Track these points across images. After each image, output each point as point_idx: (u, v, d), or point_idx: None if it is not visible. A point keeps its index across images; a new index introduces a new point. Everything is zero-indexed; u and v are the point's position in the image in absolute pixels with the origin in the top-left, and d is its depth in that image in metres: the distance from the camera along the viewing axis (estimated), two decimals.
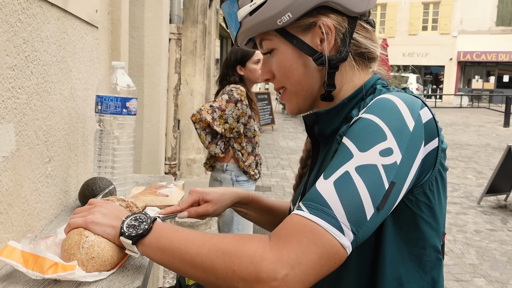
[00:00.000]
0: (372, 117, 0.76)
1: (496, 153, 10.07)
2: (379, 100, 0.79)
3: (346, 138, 0.78)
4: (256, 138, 2.99)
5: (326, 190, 0.72)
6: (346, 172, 0.73)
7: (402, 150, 0.74)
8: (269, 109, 12.59)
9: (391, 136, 0.74)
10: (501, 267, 4.13)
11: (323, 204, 0.71)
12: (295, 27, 0.88)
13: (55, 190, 1.16)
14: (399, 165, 0.73)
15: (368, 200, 0.71)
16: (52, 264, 0.79)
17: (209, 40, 6.22)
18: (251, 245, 0.72)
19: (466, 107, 22.14)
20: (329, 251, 0.69)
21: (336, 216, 0.70)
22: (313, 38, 0.88)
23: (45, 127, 1.07)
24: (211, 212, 1.12)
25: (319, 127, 0.93)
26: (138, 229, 0.82)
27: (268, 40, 0.91)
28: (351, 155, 0.74)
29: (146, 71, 2.72)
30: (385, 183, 0.72)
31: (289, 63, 0.89)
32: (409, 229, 0.82)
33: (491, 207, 6.08)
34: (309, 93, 0.92)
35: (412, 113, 0.77)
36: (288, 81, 0.91)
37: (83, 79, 1.35)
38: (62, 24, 1.15)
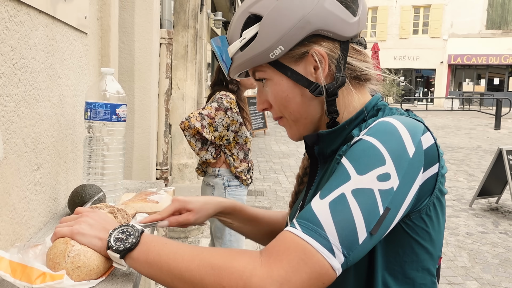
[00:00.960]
0: (373, 140, 0.77)
1: (487, 155, 10.14)
2: (381, 123, 0.80)
3: (345, 159, 0.78)
4: (248, 145, 2.99)
5: (321, 210, 0.73)
6: (342, 194, 0.73)
7: (400, 176, 0.75)
8: (261, 113, 12.60)
9: (390, 161, 0.75)
10: (493, 270, 4.16)
11: (317, 224, 0.72)
12: (287, 58, 0.88)
13: (44, 197, 1.15)
14: (396, 191, 0.74)
15: (362, 224, 0.72)
16: (40, 274, 0.78)
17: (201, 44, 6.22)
18: (241, 261, 0.72)
19: (457, 110, 22.31)
20: (319, 271, 0.70)
21: (328, 238, 0.71)
22: (306, 66, 0.88)
23: (33, 134, 1.06)
24: (192, 221, 1.10)
25: (319, 147, 0.93)
26: (125, 242, 0.80)
27: (261, 71, 0.91)
28: (348, 177, 0.75)
29: (137, 76, 2.71)
30: (380, 208, 0.73)
31: (285, 93, 0.89)
32: (404, 252, 0.83)
33: (483, 210, 6.12)
34: (308, 120, 0.92)
35: (413, 139, 0.77)
36: (286, 110, 0.91)
37: (72, 86, 1.35)
38: (50, 30, 1.14)
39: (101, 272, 0.83)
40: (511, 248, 4.71)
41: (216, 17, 8.49)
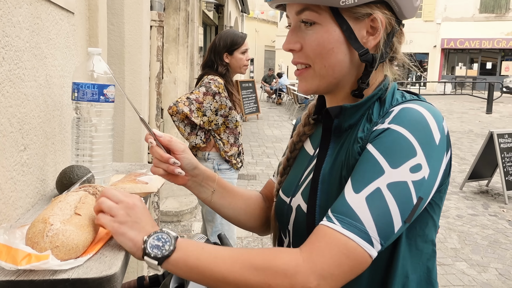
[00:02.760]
0: (403, 130, 0.79)
1: (478, 139, 10.22)
2: (407, 111, 0.81)
3: (375, 150, 0.80)
4: (238, 129, 2.98)
5: (358, 205, 0.76)
6: (378, 188, 0.77)
7: (430, 165, 0.78)
8: (253, 97, 12.56)
9: (421, 151, 0.78)
10: (482, 251, 4.22)
11: (356, 219, 0.75)
12: (349, 12, 0.84)
13: (31, 178, 1.14)
14: (427, 179, 0.78)
15: (397, 215, 0.76)
16: (26, 255, 0.78)
17: (192, 27, 6.16)
18: (283, 259, 0.76)
19: (449, 94, 22.38)
20: (360, 262, 0.75)
21: (368, 232, 0.75)
22: (361, 29, 0.86)
23: (19, 115, 1.04)
24: (182, 149, 1.00)
25: (339, 120, 0.92)
26: (162, 249, 0.80)
27: (315, 12, 0.85)
28: (382, 171, 0.78)
29: (127, 59, 2.68)
30: (414, 198, 0.77)
31: (331, 45, 0.85)
32: (421, 227, 0.88)
33: (473, 193, 6.19)
34: (336, 80, 0.89)
35: (439, 126, 0.81)
36: (321, 62, 0.87)
37: (59, 66, 1.33)
38: (35, 9, 1.12)
39: (81, 251, 0.83)
40: (500, 230, 4.78)
41: (208, 0, 8.40)
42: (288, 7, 0.90)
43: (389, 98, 0.90)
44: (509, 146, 5.89)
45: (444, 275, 3.65)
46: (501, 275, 3.73)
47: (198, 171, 1.04)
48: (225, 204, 1.11)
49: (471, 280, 3.61)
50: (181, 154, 0.99)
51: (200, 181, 1.06)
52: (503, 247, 4.33)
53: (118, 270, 0.81)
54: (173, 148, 0.99)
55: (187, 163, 1.01)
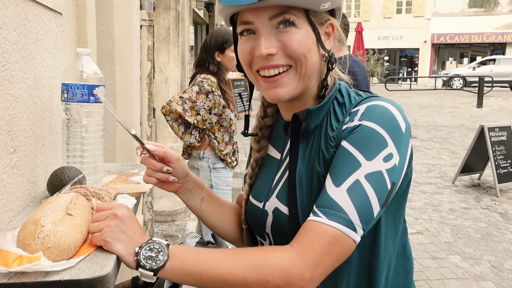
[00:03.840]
0: (373, 125, 0.87)
1: (469, 133, 10.29)
2: (374, 107, 0.89)
3: (350, 146, 0.87)
4: (233, 127, 2.98)
5: (340, 197, 0.84)
6: (357, 180, 0.84)
7: (399, 152, 0.87)
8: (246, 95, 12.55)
9: (391, 141, 0.86)
10: (475, 244, 4.25)
11: (340, 210, 0.83)
12: (316, 18, 0.90)
13: (22, 181, 1.14)
14: (398, 166, 0.87)
15: (376, 201, 0.84)
16: (17, 257, 0.77)
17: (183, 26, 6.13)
18: (278, 256, 0.82)
19: (440, 89, 22.49)
20: (346, 247, 0.83)
21: (351, 220, 0.82)
22: (322, 33, 0.93)
23: (8, 117, 1.04)
24: (176, 158, 1.01)
25: (306, 123, 0.96)
26: (156, 260, 0.82)
27: (293, 15, 0.87)
28: (359, 164, 0.85)
29: (117, 59, 2.67)
30: (388, 184, 0.86)
31: (310, 46, 0.90)
32: (395, 209, 0.97)
33: (465, 186, 6.23)
34: (309, 81, 0.94)
35: (403, 117, 0.89)
36: (303, 61, 0.90)
37: (48, 67, 1.32)
38: (21, 10, 1.11)
39: (72, 251, 0.83)
40: (492, 223, 4.81)
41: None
42: (256, 12, 0.87)
43: (346, 98, 0.96)
44: (500, 140, 5.93)
45: (437, 268, 3.68)
46: (494, 267, 3.76)
47: (189, 178, 1.08)
48: (212, 212, 1.14)
49: (464, 273, 3.64)
50: (176, 163, 1.02)
51: (190, 188, 1.10)
52: (495, 239, 4.36)
53: (110, 271, 0.81)
54: (168, 159, 1.02)
55: (180, 171, 1.04)
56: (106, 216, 0.87)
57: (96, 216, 0.88)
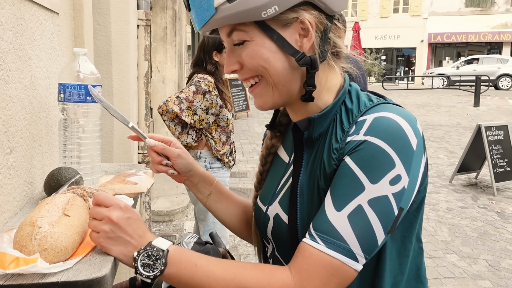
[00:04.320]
0: (380, 143, 0.79)
1: (466, 132, 10.31)
2: (382, 120, 0.81)
3: (354, 164, 0.80)
4: (230, 127, 2.97)
5: (340, 224, 0.78)
6: (359, 206, 0.78)
7: (409, 173, 0.79)
8: (243, 95, 12.54)
9: (399, 161, 0.78)
10: (472, 243, 4.26)
11: (339, 238, 0.77)
12: (275, 21, 0.83)
13: (18, 181, 1.13)
14: (407, 189, 0.79)
15: (380, 229, 0.78)
16: (14, 259, 0.77)
17: (180, 26, 6.13)
18: (276, 283, 0.79)
19: (437, 88, 22.53)
20: (346, 278, 0.79)
21: (352, 250, 0.77)
22: (292, 33, 0.85)
23: (4, 117, 1.03)
24: (176, 154, 1.04)
25: (309, 132, 0.91)
26: (154, 268, 0.80)
27: (242, 31, 0.85)
28: (362, 187, 0.78)
29: (114, 59, 2.66)
30: (395, 210, 0.79)
31: (266, 56, 0.85)
32: (405, 229, 0.89)
33: (462, 185, 6.25)
34: (286, 88, 0.88)
35: (414, 131, 0.81)
36: (267, 71, 0.86)
37: (45, 67, 1.31)
38: (18, 9, 1.11)
39: (69, 253, 0.82)
40: (489, 222, 4.83)
41: None
42: (220, 31, 0.89)
43: (355, 103, 0.89)
44: (496, 139, 5.95)
45: (435, 267, 3.68)
46: (491, 266, 3.77)
47: (193, 173, 1.10)
48: (220, 208, 1.16)
49: (461, 272, 3.65)
50: (175, 160, 1.05)
51: (196, 183, 1.12)
52: (492, 238, 4.38)
53: (108, 272, 0.81)
54: (168, 154, 1.05)
55: (182, 167, 1.07)
56: (102, 217, 0.83)
57: (93, 213, 0.84)
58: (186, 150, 1.10)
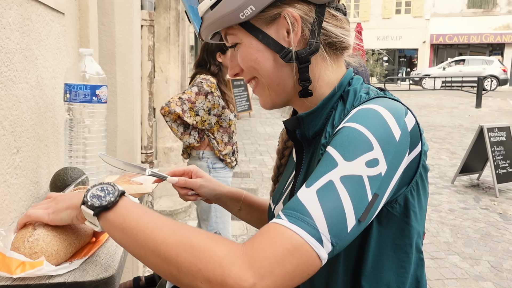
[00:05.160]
0: (357, 126, 0.74)
1: (468, 133, 10.29)
2: (362, 110, 0.77)
3: (330, 147, 0.74)
4: (232, 127, 2.98)
5: (308, 199, 0.69)
6: (330, 181, 0.70)
7: (388, 161, 0.72)
8: (245, 95, 12.55)
9: (378, 146, 0.72)
10: (474, 244, 4.26)
11: (304, 213, 0.67)
12: (259, 20, 0.83)
13: (25, 181, 1.13)
14: (384, 176, 0.72)
15: (351, 212, 0.69)
16: (20, 263, 0.77)
17: (183, 26, 6.13)
18: (223, 247, 0.67)
19: (439, 89, 22.50)
20: (306, 262, 0.66)
21: (317, 227, 0.66)
22: (278, 30, 0.83)
23: (11, 117, 1.03)
24: (198, 185, 1.12)
25: (301, 131, 0.89)
26: (102, 200, 0.75)
27: (232, 35, 0.86)
28: (335, 163, 0.71)
29: (118, 59, 2.67)
30: (369, 194, 0.70)
31: (255, 56, 0.85)
32: (395, 235, 0.82)
33: (464, 186, 6.24)
34: (281, 87, 0.87)
35: (398, 122, 0.75)
36: (258, 72, 0.87)
37: (51, 68, 1.32)
38: (25, 10, 1.11)
39: (62, 258, 0.82)
40: (491, 223, 4.82)
41: None
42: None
43: (351, 97, 0.85)
44: (499, 140, 5.94)
45: (437, 268, 3.68)
46: (493, 267, 3.77)
47: (219, 196, 1.16)
48: (252, 220, 1.20)
49: (463, 273, 3.64)
50: (199, 190, 1.13)
51: (224, 202, 1.18)
52: (494, 239, 4.37)
53: (115, 272, 0.81)
54: (191, 187, 1.12)
55: (206, 195, 1.14)
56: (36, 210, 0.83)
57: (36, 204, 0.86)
58: (208, 176, 1.16)
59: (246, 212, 1.18)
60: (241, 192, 1.19)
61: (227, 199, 1.16)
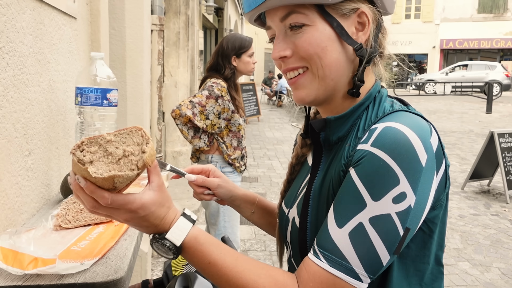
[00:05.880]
0: (384, 156, 0.73)
1: (479, 139, 10.21)
2: (389, 131, 0.75)
3: (357, 178, 0.75)
4: (241, 132, 2.98)
5: (342, 241, 0.74)
6: (360, 223, 0.73)
7: (416, 191, 0.73)
8: (254, 100, 12.58)
9: (404, 178, 0.72)
10: (485, 251, 4.21)
11: (341, 257, 0.74)
12: (335, 9, 0.81)
13: (36, 183, 1.14)
14: (413, 208, 0.73)
15: (383, 250, 0.73)
16: (32, 260, 0.78)
17: (193, 31, 6.17)
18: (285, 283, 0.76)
19: (449, 95, 22.38)
20: None
21: (354, 269, 0.73)
22: (349, 25, 0.82)
23: (23, 120, 1.05)
24: (216, 185, 1.08)
25: (325, 134, 0.88)
26: (166, 255, 0.78)
27: (301, 14, 0.81)
28: (364, 204, 0.74)
29: (128, 63, 2.69)
30: (400, 230, 0.73)
31: (324, 44, 0.81)
32: (417, 247, 0.83)
33: (475, 192, 6.18)
34: (334, 82, 0.84)
35: (425, 145, 0.74)
36: (318, 62, 0.82)
37: (62, 71, 1.33)
38: (38, 14, 1.13)
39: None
40: (502, 230, 4.77)
41: (207, 3, 8.41)
42: (270, 15, 0.85)
43: (376, 109, 0.86)
44: (509, 146, 5.88)
45: (447, 275, 3.65)
46: (504, 274, 3.72)
47: (234, 198, 1.14)
48: (264, 224, 1.19)
49: (474, 280, 3.60)
50: (216, 190, 1.10)
51: (238, 205, 1.16)
52: (505, 246, 4.32)
53: (124, 274, 0.82)
54: (208, 186, 1.10)
55: (222, 195, 1.12)
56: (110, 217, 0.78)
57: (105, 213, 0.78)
58: (225, 177, 1.14)
59: (258, 216, 1.17)
60: (255, 195, 1.17)
61: (241, 202, 1.15)
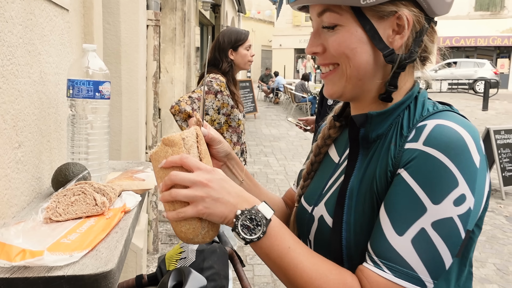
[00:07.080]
0: (440, 156, 0.73)
1: None
2: (442, 129, 0.75)
3: (412, 181, 0.74)
4: (241, 127, 2.97)
5: (405, 250, 0.73)
6: (422, 229, 0.73)
7: (474, 192, 0.73)
8: (251, 97, 12.57)
9: (463, 180, 0.72)
10: (480, 247, 4.22)
11: (406, 266, 0.73)
12: (372, 11, 0.80)
13: (26, 176, 1.13)
14: (473, 210, 0.74)
15: (447, 253, 0.73)
16: (20, 251, 0.76)
17: (189, 27, 6.14)
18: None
19: (446, 92, 22.41)
20: None
21: (420, 277, 0.72)
22: (386, 28, 0.81)
23: (13, 111, 1.03)
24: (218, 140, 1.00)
25: (365, 130, 0.87)
26: (252, 233, 0.78)
27: (336, 13, 0.81)
28: (424, 208, 0.73)
29: (124, 58, 2.67)
30: (462, 233, 0.73)
31: (354, 45, 0.81)
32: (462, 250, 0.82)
33: None
34: (362, 83, 0.84)
35: (477, 146, 0.75)
36: (346, 61, 0.83)
37: (54, 63, 1.31)
38: (28, 4, 1.11)
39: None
40: (497, 226, 4.78)
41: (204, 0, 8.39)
42: (311, 9, 0.86)
43: (419, 108, 0.84)
44: (505, 142, 5.90)
45: None
46: (499, 270, 3.73)
47: (231, 157, 1.04)
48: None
49: None
50: (218, 144, 0.99)
51: (232, 165, 1.06)
52: (500, 242, 4.33)
53: (114, 267, 0.80)
54: (212, 138, 0.98)
55: (222, 151, 1.00)
56: (192, 183, 0.79)
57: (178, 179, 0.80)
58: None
59: (247, 187, 1.09)
60: (243, 165, 1.12)
61: (235, 163, 1.07)
